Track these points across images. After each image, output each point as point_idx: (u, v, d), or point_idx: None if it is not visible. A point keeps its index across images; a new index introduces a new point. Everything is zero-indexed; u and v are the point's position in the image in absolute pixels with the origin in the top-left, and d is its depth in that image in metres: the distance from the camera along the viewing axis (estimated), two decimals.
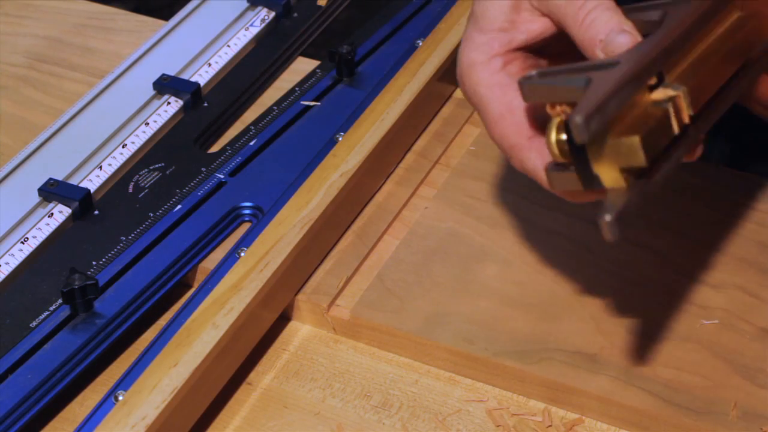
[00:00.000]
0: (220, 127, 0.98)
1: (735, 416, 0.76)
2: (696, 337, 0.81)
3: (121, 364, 0.81)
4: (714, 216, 0.89)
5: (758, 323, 0.81)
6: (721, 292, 0.84)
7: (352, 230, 0.89)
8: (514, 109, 0.73)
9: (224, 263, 0.84)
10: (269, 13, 1.07)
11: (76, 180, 0.91)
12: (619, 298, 0.83)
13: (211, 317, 0.77)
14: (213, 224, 0.88)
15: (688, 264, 0.86)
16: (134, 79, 1.00)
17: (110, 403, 0.74)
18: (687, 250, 0.87)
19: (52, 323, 0.80)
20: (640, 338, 0.81)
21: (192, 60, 1.02)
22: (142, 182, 0.92)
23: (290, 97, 0.99)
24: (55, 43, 1.08)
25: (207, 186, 0.91)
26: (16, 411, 0.76)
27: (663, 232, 0.88)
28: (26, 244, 0.86)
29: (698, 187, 0.92)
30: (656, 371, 0.78)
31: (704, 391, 0.77)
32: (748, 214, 0.89)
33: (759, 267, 0.85)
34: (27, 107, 1.01)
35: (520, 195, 0.91)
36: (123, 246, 0.86)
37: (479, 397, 0.80)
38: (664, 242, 0.87)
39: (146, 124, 0.96)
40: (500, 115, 0.74)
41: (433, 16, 1.03)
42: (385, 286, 0.85)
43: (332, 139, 0.92)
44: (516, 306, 0.83)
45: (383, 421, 0.78)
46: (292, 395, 0.80)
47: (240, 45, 1.04)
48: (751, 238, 0.88)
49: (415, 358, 0.82)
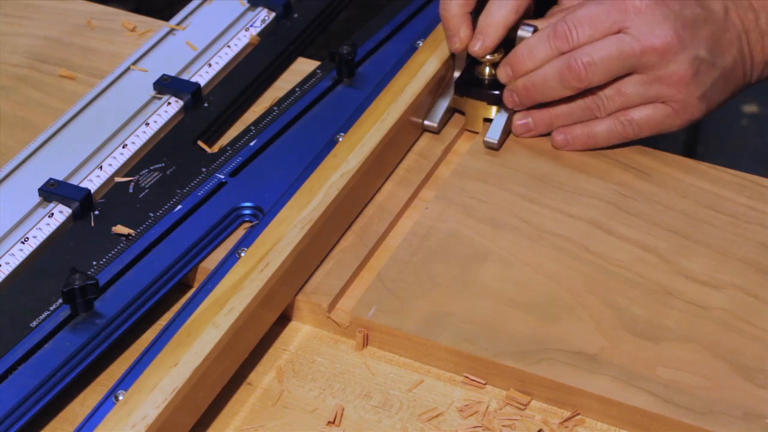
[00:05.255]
0: (220, 128, 0.98)
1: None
2: (696, 337, 0.81)
3: (121, 364, 0.81)
4: (714, 216, 0.89)
5: (758, 323, 0.81)
6: (721, 292, 0.84)
7: (352, 230, 0.89)
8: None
9: (224, 263, 0.84)
10: (269, 14, 1.07)
11: (77, 180, 0.91)
12: (619, 298, 0.83)
13: (211, 317, 0.77)
14: (213, 224, 0.88)
15: (688, 264, 0.86)
16: (134, 79, 1.00)
17: (110, 403, 0.74)
18: (687, 250, 0.87)
19: (52, 323, 0.80)
20: (640, 338, 0.81)
21: (192, 60, 1.02)
22: (143, 182, 0.92)
23: (290, 98, 0.99)
24: (55, 43, 1.08)
25: (207, 186, 0.91)
26: (16, 411, 0.76)
27: (663, 232, 0.88)
28: (26, 244, 0.86)
29: (698, 187, 0.92)
30: (656, 371, 0.78)
31: (704, 391, 0.77)
32: (749, 215, 0.89)
33: (759, 267, 0.85)
34: (27, 107, 1.01)
35: (520, 195, 0.92)
36: (123, 246, 0.86)
37: (479, 398, 0.80)
38: (664, 242, 0.88)
39: (146, 125, 0.96)
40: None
41: (433, 17, 1.04)
42: (385, 286, 0.85)
43: (332, 139, 0.92)
44: (516, 306, 0.83)
45: (383, 421, 0.78)
46: (292, 395, 0.80)
47: (240, 45, 1.04)
48: (751, 239, 0.88)
49: (415, 358, 0.82)
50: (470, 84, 0.97)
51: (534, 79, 0.93)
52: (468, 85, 0.98)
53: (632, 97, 0.92)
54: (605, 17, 0.90)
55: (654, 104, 0.92)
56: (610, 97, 0.93)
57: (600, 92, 0.93)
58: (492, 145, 0.95)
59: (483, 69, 0.97)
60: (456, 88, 0.98)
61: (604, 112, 0.94)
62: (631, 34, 0.90)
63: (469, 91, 0.97)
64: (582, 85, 0.91)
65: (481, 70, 0.98)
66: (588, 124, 0.95)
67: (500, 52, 0.96)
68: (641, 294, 0.84)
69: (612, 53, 0.90)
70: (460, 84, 0.98)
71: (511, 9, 0.94)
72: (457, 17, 0.95)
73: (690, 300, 0.83)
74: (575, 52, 0.91)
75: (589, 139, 0.95)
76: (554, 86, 0.93)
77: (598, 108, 0.93)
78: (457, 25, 0.96)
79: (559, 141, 0.96)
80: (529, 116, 0.96)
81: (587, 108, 0.94)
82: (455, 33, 0.96)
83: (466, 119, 0.99)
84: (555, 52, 0.92)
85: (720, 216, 0.90)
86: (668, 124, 0.93)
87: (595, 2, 0.91)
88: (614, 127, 0.94)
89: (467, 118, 0.98)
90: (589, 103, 0.94)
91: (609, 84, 0.92)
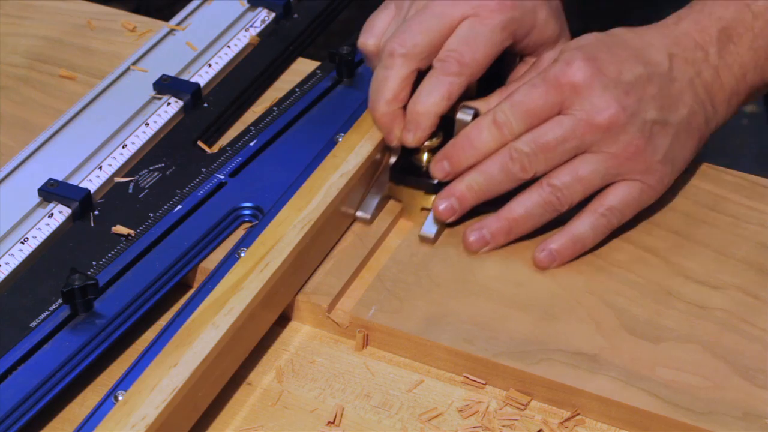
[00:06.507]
0: (220, 128, 0.98)
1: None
2: (696, 337, 0.81)
3: (121, 364, 0.81)
4: (714, 216, 0.89)
5: (758, 323, 0.81)
6: (721, 292, 0.84)
7: (352, 230, 0.89)
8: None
9: (224, 263, 0.84)
10: (269, 14, 1.07)
11: (76, 180, 0.91)
12: (619, 298, 0.83)
13: (211, 317, 0.77)
14: (213, 224, 0.88)
15: (688, 264, 0.86)
16: (134, 79, 1.00)
17: (110, 403, 0.74)
18: (687, 250, 0.87)
19: (52, 323, 0.80)
20: (640, 338, 0.81)
21: (192, 60, 1.02)
22: (142, 182, 0.92)
23: (290, 98, 0.99)
24: (55, 43, 1.08)
25: (207, 186, 0.91)
26: (16, 411, 0.76)
27: (663, 232, 0.88)
28: (26, 244, 0.86)
29: (698, 187, 0.92)
30: (656, 371, 0.78)
31: (704, 391, 0.77)
32: (748, 215, 0.89)
33: (759, 267, 0.85)
34: (27, 107, 1.01)
35: None
36: (123, 246, 0.86)
37: (479, 398, 0.80)
38: (664, 242, 0.87)
39: (146, 125, 0.96)
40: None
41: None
42: (385, 286, 0.85)
43: (332, 139, 0.92)
44: (516, 306, 0.83)
45: (383, 421, 0.78)
46: (292, 395, 0.80)
47: (240, 46, 1.04)
48: (751, 239, 0.88)
49: (415, 358, 0.82)
50: (406, 172, 0.90)
51: (476, 177, 0.86)
52: (404, 172, 0.90)
53: (591, 179, 0.84)
54: (543, 101, 0.84)
55: (621, 183, 0.85)
56: (567, 185, 0.84)
57: (555, 182, 0.84)
58: (428, 239, 0.87)
59: (420, 156, 0.89)
60: (392, 176, 0.90)
61: (566, 204, 0.85)
62: (572, 113, 0.83)
63: (405, 179, 0.90)
64: (527, 176, 0.84)
65: (418, 157, 0.89)
66: (568, 229, 0.85)
67: (438, 136, 0.88)
68: (641, 294, 0.84)
69: (555, 138, 0.84)
70: (395, 172, 0.90)
71: (443, 95, 0.86)
72: (387, 116, 0.87)
73: (690, 300, 0.83)
74: (516, 141, 0.84)
75: (576, 244, 0.85)
76: (499, 180, 0.85)
77: (559, 200, 0.85)
78: (388, 123, 0.87)
79: (544, 259, 0.85)
80: (483, 227, 0.87)
81: (547, 204, 0.85)
82: (389, 132, 0.88)
83: (402, 208, 0.90)
84: (497, 143, 0.85)
85: (720, 216, 0.89)
86: (646, 199, 0.86)
87: (531, 84, 0.84)
88: (596, 221, 0.85)
89: (404, 208, 0.90)
90: (547, 197, 0.85)
91: (562, 171, 0.84)
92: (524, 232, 0.86)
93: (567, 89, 0.84)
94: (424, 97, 0.86)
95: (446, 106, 0.86)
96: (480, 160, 0.86)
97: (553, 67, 0.84)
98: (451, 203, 0.86)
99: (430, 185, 0.88)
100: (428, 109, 0.86)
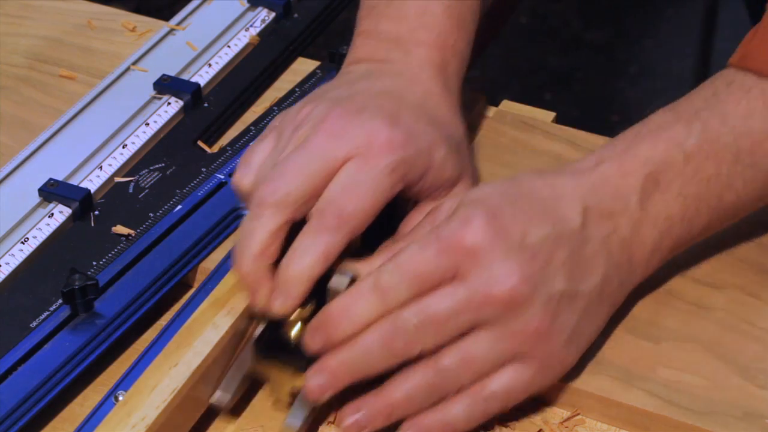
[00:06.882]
0: (220, 128, 0.98)
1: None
2: (696, 337, 0.81)
3: (121, 364, 0.81)
4: None
5: (758, 323, 0.81)
6: (721, 292, 0.84)
7: None
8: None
9: (224, 263, 0.84)
10: (269, 14, 1.07)
11: (76, 180, 0.91)
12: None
13: (211, 317, 0.77)
14: (213, 224, 0.88)
15: (688, 264, 0.86)
16: (134, 79, 1.00)
17: (110, 403, 0.74)
18: (687, 250, 0.87)
19: (52, 323, 0.80)
20: (640, 338, 0.81)
21: (192, 60, 1.02)
22: (143, 182, 0.92)
23: (290, 98, 0.99)
24: (55, 43, 1.08)
25: (207, 186, 0.91)
26: (16, 411, 0.76)
27: None
28: (26, 244, 0.86)
29: None
30: (656, 371, 0.78)
31: (704, 391, 0.77)
32: (748, 215, 0.89)
33: (759, 267, 0.85)
34: (27, 107, 1.01)
35: None
36: (123, 246, 0.86)
37: None
38: None
39: (146, 125, 0.96)
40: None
41: None
42: None
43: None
44: None
45: None
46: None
47: (240, 45, 1.04)
48: (751, 239, 0.88)
49: None
50: (273, 346, 0.76)
51: (353, 353, 0.72)
52: (270, 347, 0.76)
53: (482, 362, 0.72)
54: (434, 265, 0.71)
55: (512, 366, 0.73)
56: (455, 367, 0.72)
57: (442, 363, 0.72)
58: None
59: (290, 327, 0.75)
60: (256, 350, 0.76)
61: (453, 388, 0.73)
62: (467, 283, 0.71)
63: (271, 354, 0.76)
64: (412, 354, 0.72)
65: (287, 328, 0.75)
66: (439, 410, 0.73)
67: (311, 304, 0.75)
68: (642, 294, 0.84)
69: (446, 310, 0.71)
70: (260, 345, 0.76)
71: (318, 258, 0.73)
72: (253, 274, 0.74)
73: (690, 300, 0.83)
74: (401, 311, 0.71)
75: (444, 428, 0.73)
76: (379, 357, 0.72)
77: (445, 384, 0.73)
78: (255, 283, 0.75)
79: None
80: (362, 408, 0.73)
81: (432, 387, 0.72)
82: (254, 292, 0.75)
83: (270, 388, 0.78)
84: (378, 312, 0.72)
85: None
86: (536, 386, 0.75)
87: (422, 244, 0.72)
88: (473, 407, 0.73)
89: (271, 387, 0.77)
90: (432, 380, 0.72)
91: (452, 351, 0.72)
92: (408, 414, 0.74)
93: (462, 253, 0.71)
94: (297, 259, 0.73)
95: (322, 269, 0.74)
96: (359, 331, 0.72)
97: (448, 225, 0.72)
98: (321, 382, 0.73)
99: (302, 362, 0.74)
100: (301, 273, 0.73)
